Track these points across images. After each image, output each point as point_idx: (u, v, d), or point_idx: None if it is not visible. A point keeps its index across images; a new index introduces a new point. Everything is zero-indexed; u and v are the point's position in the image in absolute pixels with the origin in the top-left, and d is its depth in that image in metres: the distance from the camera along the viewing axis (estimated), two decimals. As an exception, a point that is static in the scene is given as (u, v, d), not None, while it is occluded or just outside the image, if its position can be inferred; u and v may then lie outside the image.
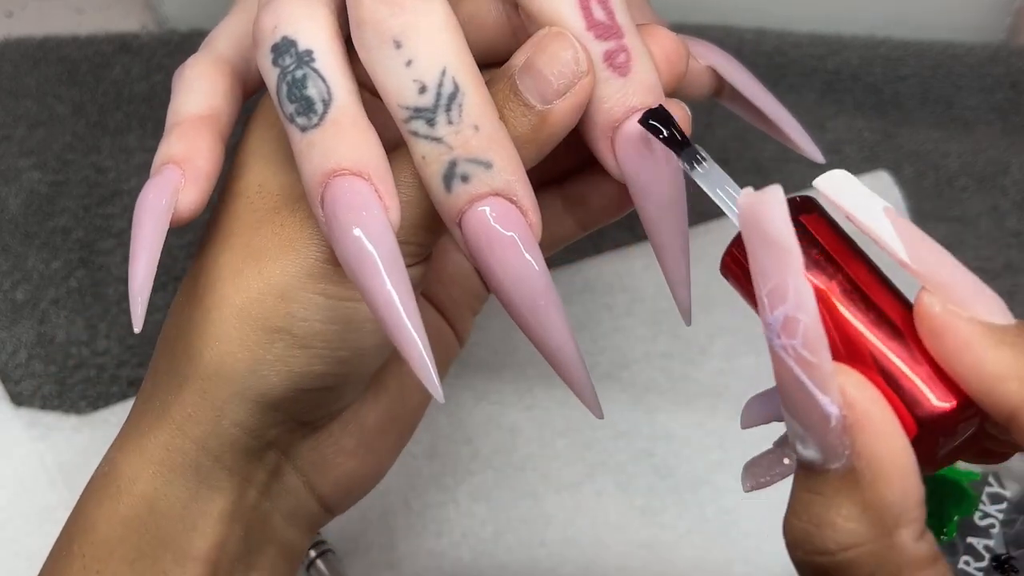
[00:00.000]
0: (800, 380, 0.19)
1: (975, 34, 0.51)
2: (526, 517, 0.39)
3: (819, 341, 0.19)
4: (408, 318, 0.23)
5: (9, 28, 0.52)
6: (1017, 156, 0.47)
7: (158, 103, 0.49)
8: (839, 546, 0.19)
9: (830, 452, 0.19)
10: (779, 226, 0.19)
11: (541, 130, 0.24)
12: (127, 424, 0.28)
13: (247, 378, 0.26)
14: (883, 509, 0.19)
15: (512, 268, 0.23)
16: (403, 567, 0.38)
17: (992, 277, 0.44)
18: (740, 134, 0.48)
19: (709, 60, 0.29)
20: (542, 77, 0.23)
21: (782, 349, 0.19)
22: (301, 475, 0.29)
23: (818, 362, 0.19)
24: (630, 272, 0.43)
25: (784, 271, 0.19)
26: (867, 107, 0.49)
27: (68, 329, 0.43)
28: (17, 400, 0.41)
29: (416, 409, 0.31)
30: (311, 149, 0.24)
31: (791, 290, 0.19)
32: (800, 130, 0.29)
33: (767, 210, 0.19)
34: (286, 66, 0.24)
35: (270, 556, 0.29)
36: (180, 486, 0.26)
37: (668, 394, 0.41)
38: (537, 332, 0.24)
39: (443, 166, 0.23)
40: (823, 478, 0.19)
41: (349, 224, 0.23)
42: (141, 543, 0.26)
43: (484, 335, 0.42)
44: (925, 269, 0.20)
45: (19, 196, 0.46)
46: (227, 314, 0.26)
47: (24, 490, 0.39)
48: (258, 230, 0.26)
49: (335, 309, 0.25)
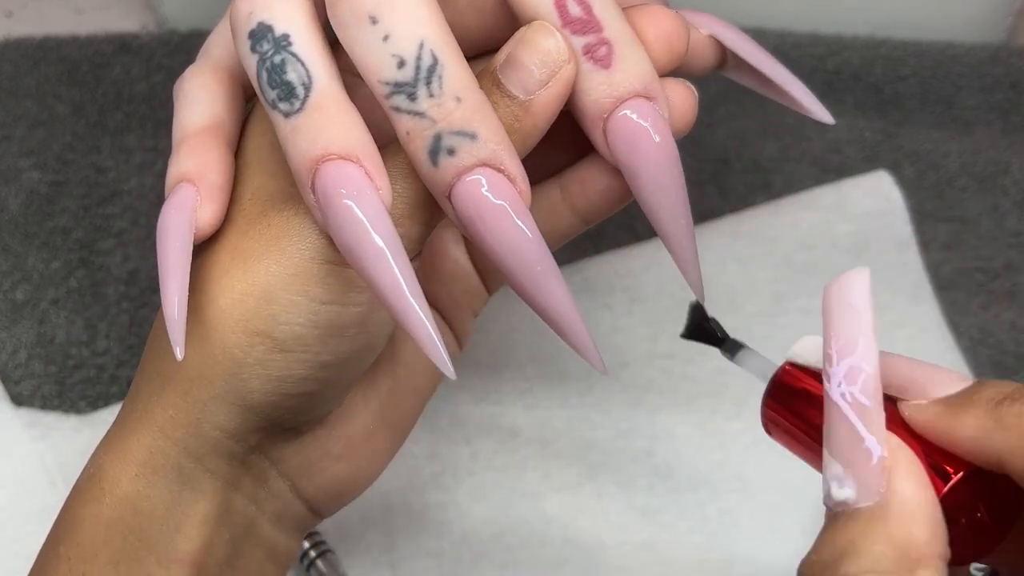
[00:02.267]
0: (851, 422, 0.21)
1: (975, 34, 0.51)
2: (526, 517, 0.39)
3: (876, 389, 0.21)
4: (413, 298, 0.23)
5: (9, 28, 0.52)
6: (1017, 156, 0.47)
7: (158, 103, 0.49)
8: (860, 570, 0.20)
9: (866, 489, 0.21)
10: (860, 293, 0.22)
11: (524, 120, 0.24)
12: (114, 425, 0.28)
13: (228, 381, 0.26)
14: (910, 544, 0.20)
15: (506, 237, 0.23)
16: (403, 567, 0.38)
17: (992, 277, 0.44)
18: (740, 134, 0.48)
19: (710, 30, 0.28)
20: (524, 67, 0.24)
21: (841, 396, 0.21)
22: (287, 479, 0.28)
23: (871, 406, 0.21)
24: (630, 272, 0.43)
25: (857, 330, 0.21)
26: (867, 107, 0.49)
27: (68, 329, 0.43)
28: (17, 400, 0.41)
29: (410, 412, 0.31)
30: (296, 135, 0.24)
31: (860, 345, 0.21)
32: (809, 94, 0.29)
33: (853, 281, 0.22)
34: (264, 52, 0.24)
35: (257, 559, 0.29)
36: (162, 488, 0.26)
37: (668, 394, 0.41)
38: (536, 299, 0.24)
39: (428, 141, 0.23)
40: (853, 516, 0.21)
41: (345, 209, 0.23)
42: (125, 545, 0.26)
43: (484, 335, 0.42)
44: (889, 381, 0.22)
45: (19, 196, 0.46)
46: (210, 315, 0.25)
47: (24, 490, 0.39)
48: (246, 232, 0.26)
49: (317, 313, 0.25)
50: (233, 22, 0.24)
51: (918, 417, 0.22)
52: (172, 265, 0.25)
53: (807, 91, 0.29)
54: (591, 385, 0.41)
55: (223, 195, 0.26)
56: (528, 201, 0.24)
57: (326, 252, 0.25)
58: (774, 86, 0.29)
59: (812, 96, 0.29)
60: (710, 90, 0.49)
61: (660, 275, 0.43)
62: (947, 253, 0.45)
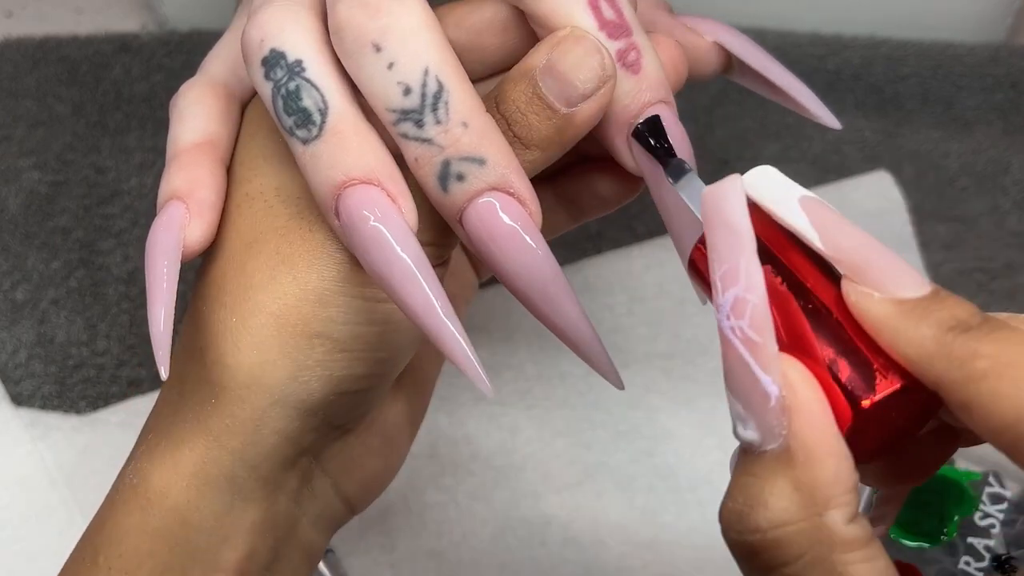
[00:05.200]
0: (745, 360, 0.20)
1: (975, 34, 0.51)
2: (526, 517, 0.39)
3: (765, 322, 0.20)
4: (448, 319, 0.23)
5: (9, 28, 0.52)
6: (1017, 156, 0.47)
7: (158, 103, 0.49)
8: (770, 524, 0.19)
9: (768, 432, 0.20)
10: (735, 211, 0.20)
11: (565, 132, 0.24)
12: (153, 434, 0.27)
13: (288, 385, 0.25)
14: (814, 489, 0.19)
15: (518, 259, 0.23)
16: (403, 567, 0.38)
17: (992, 277, 0.44)
18: (740, 134, 0.48)
19: (715, 36, 0.28)
20: (567, 81, 0.23)
21: (730, 330, 0.20)
22: (330, 477, 0.29)
23: (763, 342, 0.20)
24: (630, 272, 0.43)
25: (737, 254, 0.20)
26: (868, 107, 0.49)
27: (68, 329, 0.43)
28: (17, 400, 0.41)
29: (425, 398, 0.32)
30: (316, 162, 0.24)
31: (742, 272, 0.20)
32: (814, 98, 0.29)
33: (725, 197, 0.20)
34: (278, 79, 0.24)
35: (294, 561, 0.29)
36: (214, 499, 0.26)
37: (668, 394, 0.41)
38: (551, 318, 0.24)
39: (436, 167, 0.23)
40: (760, 460, 0.20)
41: (370, 233, 0.23)
42: (171, 556, 0.26)
43: (484, 335, 0.42)
44: (841, 255, 0.21)
45: (19, 196, 0.46)
46: (264, 321, 0.25)
47: (24, 490, 0.39)
48: (285, 236, 0.26)
49: (374, 311, 0.25)
50: (245, 50, 0.24)
51: (863, 308, 0.20)
52: (159, 285, 0.25)
53: (813, 96, 0.29)
54: (591, 385, 0.41)
55: (213, 213, 0.26)
56: (539, 222, 0.24)
57: None
58: (780, 91, 0.29)
59: (818, 100, 0.29)
60: (710, 90, 0.49)
61: (660, 275, 0.43)
62: (947, 253, 0.45)
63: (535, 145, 0.24)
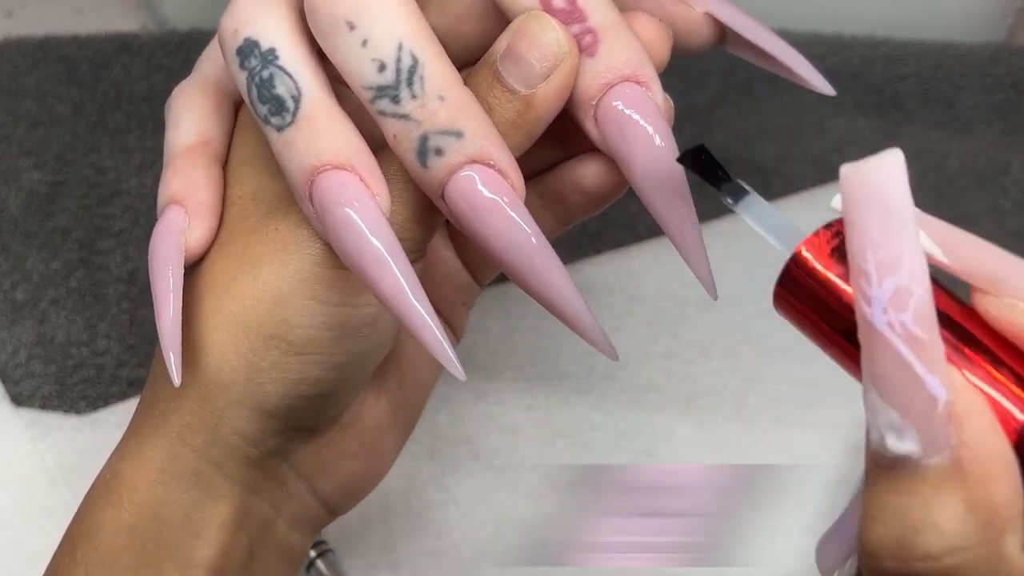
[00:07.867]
0: (906, 360, 0.17)
1: (975, 34, 0.51)
2: (526, 517, 0.39)
3: (931, 316, 0.17)
4: (418, 301, 0.23)
5: (9, 28, 0.52)
6: (1017, 156, 0.47)
7: (158, 103, 0.48)
8: (944, 550, 0.17)
9: (931, 443, 0.17)
10: (896, 191, 0.18)
11: (526, 115, 0.24)
12: (129, 431, 0.28)
13: (244, 386, 0.26)
14: (992, 510, 0.17)
15: (502, 232, 0.23)
16: (403, 567, 0.38)
17: (992, 277, 0.44)
18: (740, 134, 0.48)
19: (706, 7, 0.28)
20: (524, 61, 0.23)
21: (887, 326, 0.17)
22: (305, 480, 0.29)
23: (929, 339, 0.17)
24: (630, 272, 0.43)
25: (899, 240, 0.18)
26: (868, 107, 0.49)
27: (68, 329, 0.43)
28: (17, 400, 0.41)
29: (416, 407, 0.31)
30: (290, 148, 0.24)
31: (905, 259, 0.17)
32: (808, 66, 0.29)
33: (885, 175, 0.18)
34: (252, 68, 0.24)
35: (273, 561, 0.29)
36: (182, 494, 0.26)
37: (668, 394, 0.41)
38: (540, 291, 0.24)
39: (415, 142, 0.23)
40: (919, 476, 0.18)
41: (343, 218, 0.23)
42: (145, 551, 0.26)
43: (484, 335, 0.42)
44: (970, 267, 0.19)
45: (19, 196, 0.46)
46: (222, 321, 0.25)
47: (24, 490, 0.39)
48: (253, 236, 0.26)
49: (330, 314, 0.25)
50: (221, 40, 0.25)
51: (1011, 320, 0.18)
52: (165, 293, 0.26)
53: (806, 63, 0.29)
54: (591, 385, 0.41)
55: (212, 213, 0.27)
56: (522, 194, 0.24)
57: (334, 256, 0.25)
58: (773, 60, 0.28)
59: (812, 68, 0.28)
60: (710, 90, 0.49)
61: (660, 275, 0.43)
62: (947, 253, 0.45)
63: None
